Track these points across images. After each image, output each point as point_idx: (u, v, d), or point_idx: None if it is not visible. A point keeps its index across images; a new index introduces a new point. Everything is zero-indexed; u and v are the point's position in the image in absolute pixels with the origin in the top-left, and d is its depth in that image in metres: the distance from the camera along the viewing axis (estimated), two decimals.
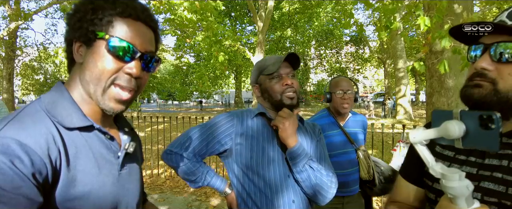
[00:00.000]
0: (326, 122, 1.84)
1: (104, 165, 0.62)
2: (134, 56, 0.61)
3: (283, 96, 1.09)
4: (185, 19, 5.26)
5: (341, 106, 1.78)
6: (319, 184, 1.07)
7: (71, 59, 0.64)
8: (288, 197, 1.08)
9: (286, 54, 1.09)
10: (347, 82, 1.82)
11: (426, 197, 0.80)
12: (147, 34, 0.64)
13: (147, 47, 0.64)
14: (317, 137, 1.23)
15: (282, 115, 1.06)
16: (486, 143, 0.55)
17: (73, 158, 0.56)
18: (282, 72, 1.11)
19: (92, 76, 0.59)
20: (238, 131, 1.12)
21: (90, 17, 0.59)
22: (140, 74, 0.62)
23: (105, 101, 0.61)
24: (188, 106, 38.20)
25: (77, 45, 0.62)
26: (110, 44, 0.58)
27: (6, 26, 9.64)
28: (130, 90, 0.62)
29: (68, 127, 0.58)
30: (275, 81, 1.11)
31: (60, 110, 0.59)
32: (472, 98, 0.66)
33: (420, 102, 28.59)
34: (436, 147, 0.81)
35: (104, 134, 0.64)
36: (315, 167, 1.07)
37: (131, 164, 0.71)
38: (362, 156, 1.80)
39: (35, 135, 0.51)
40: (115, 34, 0.59)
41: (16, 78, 16.62)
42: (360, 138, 1.89)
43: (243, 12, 21.88)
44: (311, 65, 31.23)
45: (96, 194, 0.58)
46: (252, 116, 1.15)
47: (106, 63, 0.59)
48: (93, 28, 0.59)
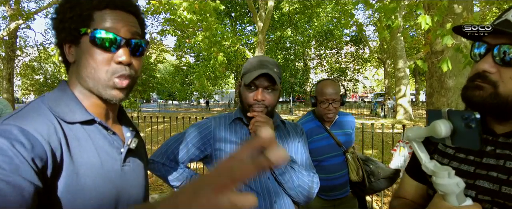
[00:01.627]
0: (312, 126, 1.79)
1: (107, 159, 0.62)
2: (120, 44, 0.61)
3: (251, 108, 1.07)
4: (185, 19, 5.26)
5: (325, 115, 1.73)
6: (301, 185, 1.08)
7: (66, 61, 0.66)
8: (269, 199, 1.09)
9: (262, 71, 1.02)
10: (333, 89, 1.71)
11: (427, 194, 0.81)
12: (128, 19, 0.64)
13: (131, 32, 0.64)
14: (299, 137, 1.22)
15: (260, 120, 1.05)
16: (469, 141, 0.58)
17: (76, 150, 0.57)
18: (258, 84, 1.06)
19: (87, 72, 0.61)
20: (216, 137, 1.13)
21: (70, 15, 0.60)
22: (131, 60, 0.63)
23: (106, 91, 0.62)
24: (188, 106, 38.20)
25: (67, 46, 0.64)
26: (92, 36, 0.59)
27: (6, 26, 9.64)
28: (126, 76, 0.63)
29: (70, 121, 0.59)
30: (249, 91, 1.08)
31: (63, 107, 0.60)
32: (472, 100, 0.66)
33: (420, 102, 28.60)
34: (439, 145, 0.81)
35: (106, 129, 0.65)
36: (296, 168, 1.08)
37: (135, 161, 0.71)
38: (350, 158, 1.76)
39: (37, 124, 0.53)
40: (96, 26, 0.60)
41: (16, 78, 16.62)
42: (348, 139, 1.83)
43: (243, 12, 21.89)
44: (311, 65, 31.23)
45: (99, 188, 0.59)
46: (230, 121, 1.16)
47: (95, 56, 0.60)
48: (75, 25, 0.60)
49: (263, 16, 12.91)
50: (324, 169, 1.72)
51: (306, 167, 1.15)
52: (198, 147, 1.13)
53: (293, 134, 1.22)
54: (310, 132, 1.74)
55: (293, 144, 1.19)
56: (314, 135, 1.75)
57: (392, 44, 14.01)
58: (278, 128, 1.18)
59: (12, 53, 11.51)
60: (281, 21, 20.61)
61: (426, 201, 0.83)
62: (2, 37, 9.31)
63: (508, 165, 0.65)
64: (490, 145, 0.70)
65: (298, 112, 21.79)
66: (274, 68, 1.07)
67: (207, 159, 1.16)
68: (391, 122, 11.20)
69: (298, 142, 1.20)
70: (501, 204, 0.64)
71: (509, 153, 0.66)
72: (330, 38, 24.46)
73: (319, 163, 1.72)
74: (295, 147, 1.19)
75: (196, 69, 17.00)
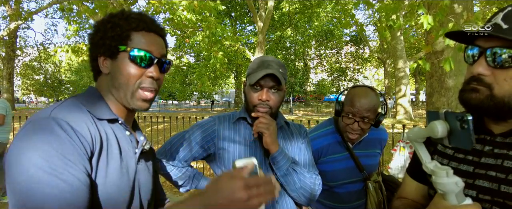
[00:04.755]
0: (330, 141, 1.40)
1: (126, 155, 0.71)
2: (152, 62, 0.73)
3: (255, 109, 1.08)
4: (185, 19, 5.26)
5: (347, 134, 1.34)
6: (303, 187, 1.09)
7: (97, 71, 0.75)
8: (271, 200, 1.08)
9: (267, 71, 1.02)
10: (368, 102, 1.26)
11: (428, 194, 0.83)
12: (159, 42, 0.76)
13: (161, 52, 0.75)
14: (303, 139, 1.22)
15: (264, 121, 1.05)
16: (462, 142, 0.61)
17: (106, 144, 0.66)
18: (263, 83, 1.05)
19: (121, 83, 0.71)
20: (220, 136, 1.13)
21: (111, 34, 0.70)
22: (159, 76, 0.75)
23: (134, 101, 0.72)
24: (188, 106, 38.21)
25: (102, 59, 0.73)
26: (132, 54, 0.70)
27: (6, 26, 9.64)
28: (152, 90, 0.74)
29: (99, 117, 0.68)
30: (254, 91, 1.08)
31: (93, 105, 0.70)
32: (469, 103, 0.68)
33: (420, 102, 28.60)
34: (438, 146, 0.82)
35: (126, 129, 0.74)
36: (298, 170, 1.09)
37: (147, 162, 0.80)
38: (372, 188, 1.38)
39: (80, 121, 0.62)
40: (134, 46, 0.71)
41: (16, 78, 16.62)
42: (373, 162, 1.43)
43: (243, 12, 21.89)
44: (311, 65, 31.24)
45: (118, 180, 0.66)
46: (234, 120, 1.16)
47: (130, 70, 0.71)
48: (115, 43, 0.70)
49: (263, 16, 12.90)
50: (337, 197, 1.40)
51: (308, 169, 1.15)
52: (202, 146, 1.13)
53: (297, 135, 1.22)
54: (326, 149, 1.39)
55: (297, 145, 1.19)
56: (330, 154, 1.38)
57: (392, 44, 14.01)
58: (281, 129, 1.18)
59: (12, 53, 11.51)
60: (281, 21, 20.61)
61: (427, 201, 0.84)
62: (2, 37, 9.32)
63: (506, 164, 0.66)
64: (488, 145, 0.71)
65: (298, 112, 21.77)
66: (280, 69, 1.07)
67: (210, 158, 1.17)
68: (391, 122, 11.19)
69: (301, 144, 1.20)
70: (500, 203, 0.65)
71: (507, 152, 0.67)
72: (330, 38, 24.45)
73: (331, 189, 1.39)
74: (298, 148, 1.19)
75: (197, 68, 16.99)
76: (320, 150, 1.40)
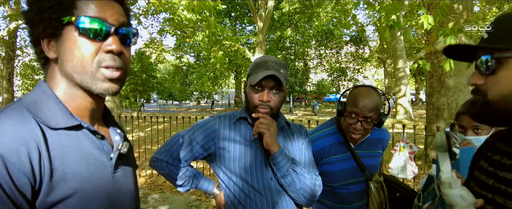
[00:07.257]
0: (332, 142, 1.39)
1: (97, 166, 0.57)
2: (109, 32, 0.56)
3: (256, 109, 1.07)
4: (185, 18, 5.25)
5: (349, 134, 1.34)
6: (303, 187, 1.08)
7: (44, 58, 0.59)
8: (272, 199, 1.09)
9: (268, 72, 1.01)
10: (371, 102, 1.25)
11: None
12: (115, 6, 0.60)
13: (119, 20, 0.59)
14: (303, 139, 1.22)
15: (265, 122, 1.05)
16: None
17: (60, 161, 0.52)
18: (264, 84, 1.05)
19: (74, 66, 0.55)
20: (220, 136, 1.12)
21: (49, 4, 0.54)
22: (121, 49, 0.58)
23: (96, 84, 0.56)
24: (189, 106, 38.22)
25: (46, 42, 0.57)
26: (80, 26, 0.54)
27: (6, 26, 9.64)
28: (117, 68, 0.58)
29: (54, 127, 0.53)
30: (255, 92, 1.07)
31: (44, 110, 0.54)
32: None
33: (420, 102, 28.59)
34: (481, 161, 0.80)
35: (94, 134, 0.60)
36: (298, 171, 1.08)
37: (125, 167, 0.66)
38: (373, 188, 1.38)
39: (15, 144, 0.47)
40: (81, 14, 0.54)
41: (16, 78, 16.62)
42: (375, 162, 1.43)
43: (243, 12, 21.88)
44: (311, 65, 31.23)
45: (88, 197, 0.54)
46: (234, 120, 1.15)
47: (82, 47, 0.54)
48: (56, 15, 0.54)
49: (263, 16, 12.90)
50: (339, 197, 1.39)
51: (309, 169, 1.15)
52: (202, 146, 1.13)
53: (297, 136, 1.22)
54: (327, 149, 1.38)
55: (297, 145, 1.19)
56: (331, 155, 1.38)
57: (392, 44, 14.01)
58: (282, 130, 1.18)
59: (12, 53, 11.50)
60: (281, 21, 20.60)
61: None
62: (2, 37, 9.32)
63: None
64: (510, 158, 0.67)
65: (298, 112, 21.76)
66: (281, 70, 1.07)
67: (210, 158, 1.16)
68: (391, 122, 11.19)
69: (302, 144, 1.20)
70: None
71: None
72: (330, 38, 24.46)
73: (333, 190, 1.39)
74: (299, 149, 1.18)
75: (197, 68, 16.99)
76: (322, 151, 1.39)
